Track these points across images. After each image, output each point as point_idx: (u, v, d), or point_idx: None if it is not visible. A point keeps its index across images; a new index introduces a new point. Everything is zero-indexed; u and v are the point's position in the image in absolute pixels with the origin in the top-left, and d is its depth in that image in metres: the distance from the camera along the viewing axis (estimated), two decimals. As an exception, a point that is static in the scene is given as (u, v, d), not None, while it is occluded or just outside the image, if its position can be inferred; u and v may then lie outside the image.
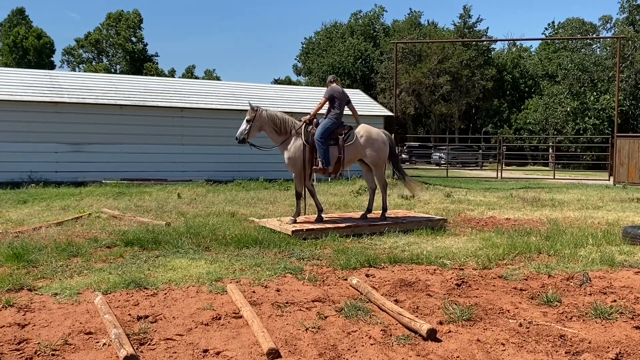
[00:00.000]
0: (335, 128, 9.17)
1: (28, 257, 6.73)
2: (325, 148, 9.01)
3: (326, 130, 9.05)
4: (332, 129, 9.11)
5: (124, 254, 7.21)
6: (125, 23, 65.56)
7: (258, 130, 9.19)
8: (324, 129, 9.04)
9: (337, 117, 9.22)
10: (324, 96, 9.34)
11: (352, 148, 9.32)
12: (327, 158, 9.03)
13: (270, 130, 9.20)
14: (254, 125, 9.08)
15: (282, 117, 9.24)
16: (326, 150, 9.02)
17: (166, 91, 21.00)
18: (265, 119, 9.13)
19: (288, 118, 9.30)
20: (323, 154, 9.00)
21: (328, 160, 9.06)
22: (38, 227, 9.03)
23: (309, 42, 65.62)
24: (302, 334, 4.43)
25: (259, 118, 9.08)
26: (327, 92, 9.33)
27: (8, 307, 5.02)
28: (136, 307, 5.08)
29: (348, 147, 9.27)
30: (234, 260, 6.98)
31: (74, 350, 4.08)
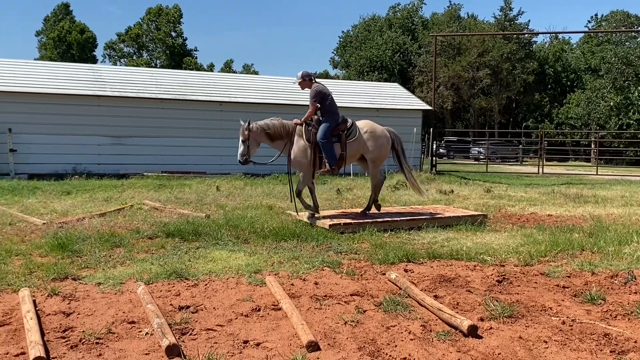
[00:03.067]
0: (337, 126, 8.91)
1: (72, 247, 6.90)
2: (330, 147, 8.79)
3: (328, 129, 8.80)
4: (333, 127, 8.86)
5: (165, 245, 7.33)
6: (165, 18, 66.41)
7: (257, 145, 8.96)
8: (325, 129, 8.79)
9: (333, 116, 8.92)
10: (312, 102, 8.89)
11: (355, 144, 9.06)
12: (333, 157, 8.83)
13: (268, 140, 8.97)
14: (251, 143, 8.83)
15: (274, 124, 8.97)
16: (331, 149, 8.81)
17: (205, 85, 21.22)
18: (259, 132, 8.87)
19: (281, 122, 9.03)
20: (329, 154, 8.79)
21: (335, 160, 8.86)
22: (82, 217, 9.25)
23: (346, 35, 65.44)
24: (341, 328, 4.43)
25: (252, 134, 8.81)
26: (313, 95, 8.88)
27: (53, 295, 5.15)
28: (177, 298, 5.16)
29: (351, 144, 9.02)
30: (272, 252, 7.03)
31: (118, 339, 4.17)
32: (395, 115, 22.27)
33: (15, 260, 6.39)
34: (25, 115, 17.30)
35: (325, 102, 8.89)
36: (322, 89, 8.95)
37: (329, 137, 8.80)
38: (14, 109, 17.24)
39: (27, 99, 17.42)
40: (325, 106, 8.90)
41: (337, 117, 8.94)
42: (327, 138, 8.77)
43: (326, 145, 8.75)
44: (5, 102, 17.18)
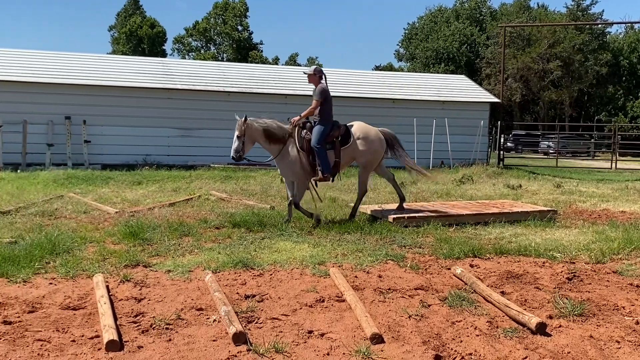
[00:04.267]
0: (331, 131, 8.45)
1: (143, 235, 7.13)
2: (324, 154, 8.29)
3: (322, 135, 8.31)
4: (327, 133, 8.39)
5: (231, 235, 7.48)
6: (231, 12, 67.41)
7: (252, 143, 8.43)
8: (320, 134, 8.30)
9: (329, 119, 8.50)
10: (315, 98, 8.45)
11: (348, 151, 8.61)
12: (327, 165, 8.33)
13: (264, 140, 8.42)
14: (246, 140, 8.31)
15: (274, 125, 8.48)
16: (325, 156, 8.31)
17: (270, 78, 21.44)
18: (257, 130, 8.36)
19: (279, 124, 8.56)
20: (323, 162, 8.28)
21: (329, 167, 8.36)
22: (152, 207, 9.55)
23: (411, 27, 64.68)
24: (405, 321, 4.41)
25: (249, 131, 8.30)
26: (318, 92, 8.47)
27: (126, 281, 5.34)
28: (244, 286, 5.26)
29: (345, 150, 8.56)
30: (336, 244, 7.06)
31: (186, 325, 4.28)
32: (462, 108, 21.89)
33: (90, 247, 6.66)
34: (99, 108, 17.97)
35: (327, 103, 8.49)
36: (327, 89, 8.57)
37: (323, 143, 8.32)
38: (89, 102, 17.94)
39: (101, 92, 18.08)
40: (325, 108, 8.48)
41: (331, 123, 8.51)
42: (321, 144, 8.27)
43: (320, 151, 8.26)
44: (80, 94, 17.89)
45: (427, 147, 20.41)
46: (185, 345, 3.89)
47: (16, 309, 4.52)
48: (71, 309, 4.58)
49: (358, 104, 20.58)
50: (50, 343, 3.87)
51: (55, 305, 4.65)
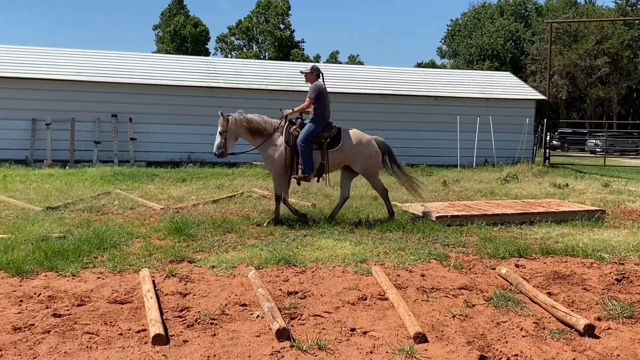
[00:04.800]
0: (321, 131, 8.21)
1: (188, 231, 7.24)
2: (308, 154, 8.09)
3: (310, 134, 8.11)
4: (317, 133, 8.16)
5: (273, 232, 7.52)
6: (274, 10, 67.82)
7: (234, 139, 8.33)
8: (307, 133, 8.10)
9: (323, 118, 8.27)
10: (309, 96, 8.27)
11: (337, 154, 8.31)
12: (309, 165, 8.10)
13: (247, 134, 8.32)
14: (229, 136, 8.23)
15: (258, 119, 8.34)
16: (309, 156, 8.11)
17: (312, 76, 21.49)
18: (239, 125, 8.25)
19: (265, 119, 8.40)
20: (306, 161, 8.08)
21: (311, 167, 8.14)
22: (196, 203, 9.69)
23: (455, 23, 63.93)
24: (449, 321, 4.36)
25: (231, 126, 8.23)
26: (313, 90, 8.27)
27: (171, 276, 5.43)
28: (286, 283, 5.29)
29: (333, 153, 8.27)
30: (377, 243, 7.03)
31: (230, 321, 4.33)
32: (507, 106, 21.52)
33: (136, 243, 6.79)
34: (145, 106, 18.31)
35: (320, 101, 8.28)
36: (323, 87, 8.37)
37: (310, 142, 8.11)
38: (134, 100, 18.30)
39: (146, 90, 18.42)
40: (319, 107, 8.28)
41: (324, 123, 8.27)
42: (307, 143, 8.07)
43: (305, 150, 8.06)
44: (126, 93, 18.26)
45: (470, 145, 20.15)
46: (229, 340, 3.93)
47: (65, 302, 4.64)
48: (118, 303, 4.68)
49: (400, 102, 20.47)
50: (98, 336, 3.96)
51: (103, 299, 4.75)
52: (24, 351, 3.67)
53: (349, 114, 19.69)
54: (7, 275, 5.30)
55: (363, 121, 19.64)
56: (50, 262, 5.64)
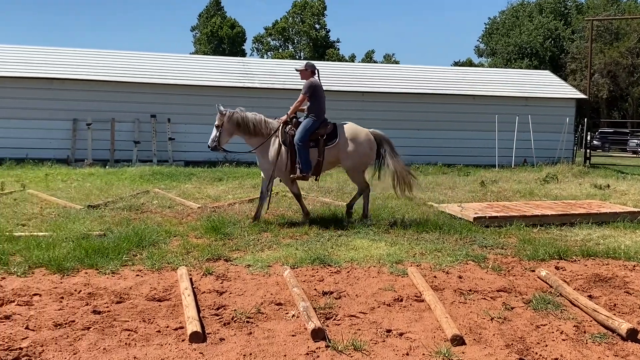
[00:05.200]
0: (317, 128, 8.07)
1: (224, 230, 7.30)
2: (306, 152, 7.95)
3: (307, 132, 7.97)
4: (313, 130, 8.02)
5: (308, 231, 7.52)
6: (309, 10, 67.93)
7: (229, 135, 8.26)
8: (304, 131, 7.96)
9: (318, 115, 8.13)
10: (302, 92, 8.16)
11: (333, 150, 8.16)
12: (307, 164, 7.98)
13: (243, 133, 8.23)
14: (223, 131, 8.17)
15: (255, 119, 8.20)
16: (307, 155, 7.97)
17: (347, 76, 21.45)
18: (233, 122, 8.17)
19: (262, 119, 8.28)
20: (304, 159, 7.95)
21: (309, 165, 8.01)
22: (232, 202, 9.77)
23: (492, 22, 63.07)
24: (487, 323, 4.30)
25: (227, 122, 8.15)
26: (306, 86, 8.15)
27: (208, 275, 5.48)
28: (321, 283, 5.28)
29: (329, 150, 8.13)
30: (413, 243, 6.97)
31: (266, 319, 4.34)
32: (546, 105, 21.13)
33: (174, 241, 6.88)
34: (183, 106, 18.54)
35: (315, 98, 8.17)
36: (317, 84, 8.24)
37: (307, 140, 7.98)
38: (173, 100, 18.55)
39: (184, 91, 18.65)
40: (314, 103, 8.17)
41: (319, 119, 8.14)
42: (304, 141, 7.94)
43: (302, 149, 7.94)
44: (165, 93, 18.53)
45: (509, 144, 19.85)
46: (265, 339, 3.94)
47: (105, 299, 4.72)
48: (157, 300, 4.74)
49: (437, 101, 20.30)
50: (136, 333, 4.01)
51: (142, 297, 4.82)
52: (65, 347, 3.74)
53: (385, 114, 19.63)
54: (49, 273, 5.42)
55: (399, 120, 19.58)
56: (91, 260, 5.74)
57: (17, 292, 4.81)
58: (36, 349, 3.69)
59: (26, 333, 3.94)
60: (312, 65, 8.48)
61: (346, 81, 20.66)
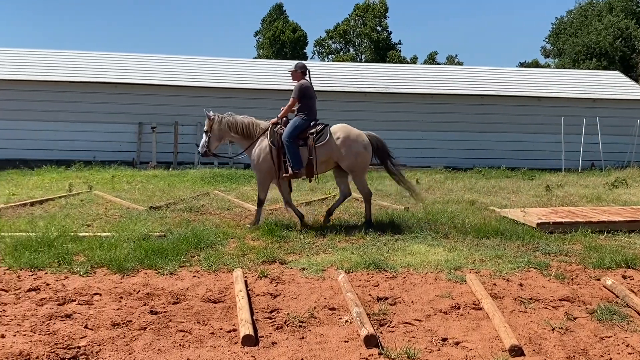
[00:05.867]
0: (307, 127, 8.02)
1: (280, 233, 7.32)
2: (295, 149, 7.88)
3: (295, 129, 7.92)
4: (302, 128, 7.97)
5: (364, 235, 7.45)
6: (371, 13, 67.75)
7: (219, 140, 8.34)
8: (292, 128, 7.93)
9: (308, 115, 8.08)
10: (293, 96, 8.16)
11: (324, 149, 8.01)
12: (297, 160, 7.89)
13: (232, 137, 8.34)
14: (212, 136, 8.26)
15: (243, 121, 8.29)
16: (296, 151, 7.89)
17: (408, 78, 21.24)
18: (224, 127, 8.25)
19: (251, 121, 8.32)
20: (293, 156, 7.87)
21: (299, 162, 7.91)
22: (289, 205, 9.78)
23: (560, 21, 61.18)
24: (548, 334, 4.12)
25: (216, 127, 8.26)
26: (296, 90, 8.14)
27: (263, 277, 5.50)
28: (376, 288, 5.21)
29: (320, 148, 7.98)
30: (473, 249, 6.79)
31: (319, 324, 4.31)
32: (615, 106, 20.29)
33: (231, 243, 6.95)
34: (243, 110, 18.71)
35: (305, 99, 8.13)
36: (307, 85, 8.17)
37: (296, 137, 7.91)
38: (234, 104, 18.68)
39: (244, 95, 18.90)
40: (304, 104, 8.12)
41: (309, 119, 8.08)
42: (292, 138, 7.87)
43: (291, 146, 7.86)
44: (226, 97, 18.80)
45: (576, 148, 19.15)
46: (317, 345, 3.91)
47: (162, 299, 4.80)
48: (212, 302, 4.78)
49: (500, 103, 19.81)
50: (191, 334, 4.06)
51: (198, 298, 4.87)
52: (121, 347, 3.82)
53: (447, 116, 19.33)
54: (110, 272, 5.56)
55: (461, 123, 19.25)
56: (150, 260, 5.86)
57: (79, 291, 4.96)
58: (93, 348, 3.78)
59: (85, 332, 4.04)
60: (302, 67, 8.41)
61: (407, 83, 20.47)
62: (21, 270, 5.55)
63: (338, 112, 18.95)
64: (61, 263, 5.76)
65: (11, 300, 4.73)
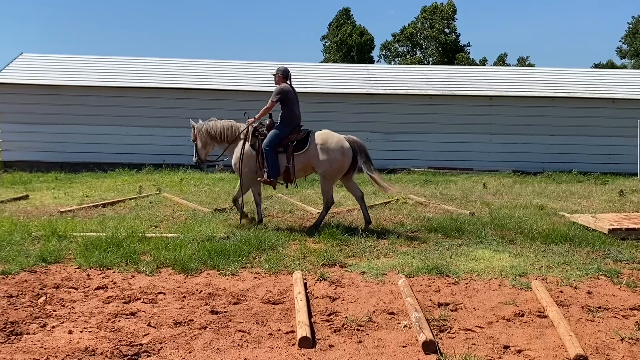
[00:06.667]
0: (287, 134, 8.02)
1: (341, 236, 7.31)
2: (273, 158, 7.94)
3: (276, 138, 7.95)
4: (282, 137, 7.99)
5: (427, 240, 7.35)
6: (439, 15, 66.97)
7: (205, 147, 8.57)
8: (273, 137, 7.95)
9: (289, 122, 8.08)
10: (271, 99, 8.12)
11: (303, 157, 8.05)
12: (274, 169, 7.96)
13: (213, 141, 8.53)
14: (198, 144, 8.53)
15: (223, 126, 8.45)
16: (274, 160, 7.95)
17: (475, 80, 20.83)
18: (203, 133, 8.47)
19: (231, 125, 8.46)
20: (271, 165, 7.93)
21: (276, 171, 7.98)
22: (351, 209, 9.79)
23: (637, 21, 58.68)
24: (617, 344, 3.95)
25: (198, 135, 8.51)
26: (275, 93, 8.13)
27: (322, 280, 5.51)
28: (437, 294, 5.12)
29: (299, 156, 8.03)
30: (540, 256, 6.58)
31: (377, 328, 4.27)
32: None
33: (292, 245, 7.00)
34: (309, 114, 18.88)
35: (286, 105, 8.11)
36: (288, 89, 8.17)
37: (275, 146, 7.96)
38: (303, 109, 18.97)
39: (310, 99, 19.00)
40: (284, 110, 8.11)
41: (290, 127, 8.09)
42: (271, 147, 7.93)
43: (269, 154, 7.92)
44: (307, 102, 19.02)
45: (652, 151, 18.29)
46: (374, 349, 3.88)
47: (223, 300, 4.89)
48: (271, 303, 4.83)
49: (572, 105, 19.15)
50: (249, 335, 4.10)
51: (257, 299, 4.93)
52: (181, 345, 3.90)
53: (515, 119, 18.85)
54: (174, 272, 5.70)
55: (530, 126, 18.73)
56: (213, 261, 5.98)
57: (144, 290, 5.11)
58: (155, 346, 3.88)
59: (148, 330, 4.16)
60: (283, 71, 8.37)
61: (474, 85, 20.08)
62: (90, 269, 5.78)
63: (403, 115, 18.87)
64: (128, 262, 5.96)
65: (80, 297, 4.92)
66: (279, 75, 8.35)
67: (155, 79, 19.43)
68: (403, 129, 18.86)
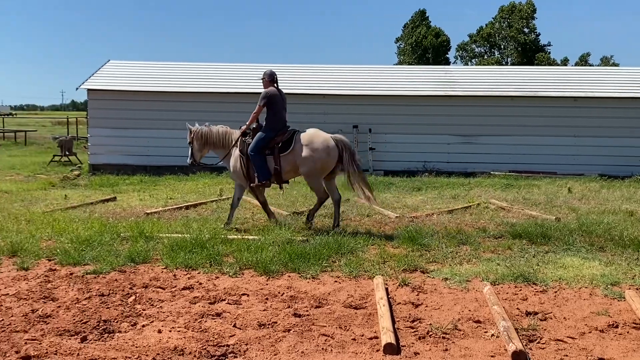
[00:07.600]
0: (272, 138, 8.10)
1: (421, 241, 7.20)
2: (260, 162, 8.07)
3: (259, 142, 8.06)
4: (267, 140, 8.07)
5: (511, 246, 7.13)
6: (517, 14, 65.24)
7: (199, 150, 8.68)
8: (257, 141, 8.07)
9: (273, 126, 8.15)
10: (258, 103, 8.20)
11: (289, 158, 8.12)
12: (264, 172, 8.07)
13: (211, 147, 8.66)
14: (194, 146, 8.64)
15: (219, 131, 8.55)
16: (262, 163, 8.07)
17: (558, 80, 20.07)
18: (198, 138, 8.58)
19: (225, 131, 8.57)
20: (258, 168, 8.07)
21: (265, 174, 8.09)
22: (430, 213, 9.63)
23: None
24: None
25: (195, 138, 8.60)
26: (261, 97, 8.19)
27: (404, 285, 5.44)
28: (524, 302, 4.96)
29: (285, 157, 8.11)
30: (632, 264, 6.26)
31: (463, 337, 4.17)
32: None
33: (372, 249, 6.95)
34: (383, 117, 18.79)
35: (271, 108, 8.15)
36: (274, 93, 8.19)
37: (260, 149, 8.07)
38: (374, 111, 18.87)
39: (385, 102, 18.90)
40: (269, 114, 8.17)
41: (274, 130, 8.14)
42: (256, 151, 8.06)
43: (255, 158, 8.06)
44: (367, 104, 18.93)
45: None
46: (461, 357, 3.80)
47: (305, 303, 4.91)
48: (353, 308, 4.81)
49: None
50: (333, 339, 4.10)
51: (339, 303, 4.92)
52: (267, 347, 3.94)
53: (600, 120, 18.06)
54: (256, 274, 5.79)
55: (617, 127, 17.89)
56: (294, 264, 6.03)
57: (228, 291, 5.21)
58: (241, 347, 3.94)
59: (233, 331, 4.23)
60: (270, 75, 8.42)
61: (556, 86, 19.37)
62: (177, 270, 5.94)
63: (483, 117, 18.44)
64: (212, 264, 6.10)
65: (167, 297, 5.07)
66: (266, 80, 8.46)
67: (238, 84, 19.82)
68: (483, 132, 18.41)
